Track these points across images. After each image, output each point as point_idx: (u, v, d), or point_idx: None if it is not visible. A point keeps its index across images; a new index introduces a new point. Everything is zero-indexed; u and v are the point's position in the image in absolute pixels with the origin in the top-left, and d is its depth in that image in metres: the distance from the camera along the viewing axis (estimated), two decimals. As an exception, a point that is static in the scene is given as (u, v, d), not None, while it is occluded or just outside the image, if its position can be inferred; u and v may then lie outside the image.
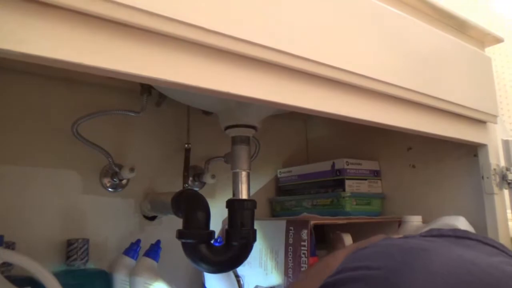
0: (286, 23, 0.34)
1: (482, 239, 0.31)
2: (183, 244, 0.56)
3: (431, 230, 0.27)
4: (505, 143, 0.60)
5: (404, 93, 0.46)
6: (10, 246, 0.56)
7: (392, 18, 0.45)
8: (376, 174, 0.79)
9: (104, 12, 0.26)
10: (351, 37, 0.40)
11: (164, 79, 0.30)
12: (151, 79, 0.30)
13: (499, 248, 0.32)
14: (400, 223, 0.70)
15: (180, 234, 0.56)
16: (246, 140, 0.59)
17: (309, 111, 0.39)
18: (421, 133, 0.51)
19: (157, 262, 0.65)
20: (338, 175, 0.76)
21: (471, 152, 0.64)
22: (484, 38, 0.63)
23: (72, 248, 0.62)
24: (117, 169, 0.67)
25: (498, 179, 0.59)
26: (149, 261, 0.64)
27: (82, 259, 0.62)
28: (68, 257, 0.62)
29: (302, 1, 0.36)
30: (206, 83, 0.32)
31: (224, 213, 0.60)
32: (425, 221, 0.67)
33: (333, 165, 0.77)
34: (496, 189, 0.59)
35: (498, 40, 0.63)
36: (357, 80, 0.41)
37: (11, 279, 0.51)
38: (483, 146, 0.60)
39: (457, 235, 0.26)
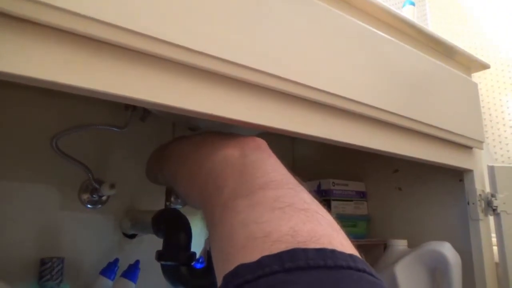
0: (271, 45, 0.34)
1: (363, 267, 0.23)
2: (162, 267, 0.54)
3: (297, 258, 0.21)
4: (491, 169, 0.60)
5: (390, 117, 0.45)
6: (-21, 265, 0.53)
7: (380, 42, 0.45)
8: (362, 195, 0.78)
9: (81, 29, 0.25)
10: (337, 60, 0.40)
11: (143, 100, 0.29)
12: (131, 99, 0.28)
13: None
14: (385, 246, 0.69)
15: (160, 256, 0.54)
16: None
17: (294, 134, 0.39)
18: (407, 157, 0.50)
19: (135, 283, 0.62)
20: (323, 195, 0.75)
21: (457, 176, 0.64)
22: (470, 64, 0.64)
23: (46, 268, 0.59)
24: (97, 186, 0.65)
25: (483, 205, 0.59)
26: (126, 282, 0.61)
27: (56, 279, 0.59)
28: (41, 277, 0.59)
29: (289, 24, 0.35)
30: (189, 105, 0.31)
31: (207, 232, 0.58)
32: (410, 245, 0.66)
33: (319, 185, 0.76)
34: (481, 215, 0.58)
35: (484, 67, 0.63)
36: (343, 103, 0.40)
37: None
38: (468, 171, 0.60)
39: (328, 265, 0.21)
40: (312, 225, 0.24)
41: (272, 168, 0.31)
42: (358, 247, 0.77)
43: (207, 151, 0.35)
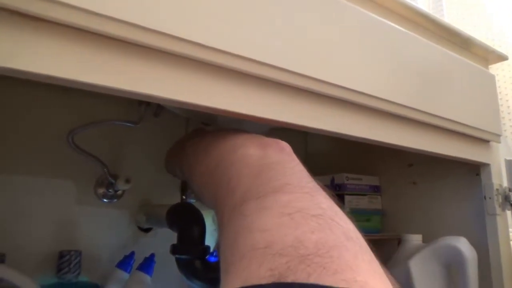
0: (283, 40, 0.34)
1: None
2: (177, 260, 0.55)
3: None
4: (509, 163, 0.59)
5: (405, 111, 0.45)
6: (0, 258, 0.55)
7: (394, 35, 0.45)
8: (376, 189, 0.78)
9: (98, 27, 0.25)
10: (351, 54, 0.39)
11: (160, 96, 0.29)
12: (147, 96, 0.29)
13: None
14: (399, 241, 0.69)
15: (174, 250, 0.54)
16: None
17: (307, 129, 0.38)
18: (422, 151, 0.50)
19: (150, 276, 0.63)
20: (337, 190, 0.75)
21: (473, 170, 0.63)
22: (488, 56, 0.62)
23: (64, 261, 0.60)
24: (112, 180, 0.66)
25: (500, 200, 0.58)
26: (142, 275, 0.62)
27: (74, 272, 0.61)
28: (59, 270, 0.60)
29: (301, 19, 0.35)
30: (203, 101, 0.31)
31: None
32: (425, 240, 0.65)
33: (332, 180, 0.76)
34: (498, 210, 0.57)
35: (502, 58, 0.62)
36: (357, 97, 0.40)
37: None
38: (485, 165, 0.59)
39: None
40: (322, 234, 0.22)
41: (291, 171, 0.29)
42: (372, 241, 0.76)
43: (226, 149, 0.33)
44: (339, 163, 0.82)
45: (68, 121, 0.64)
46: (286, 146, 0.33)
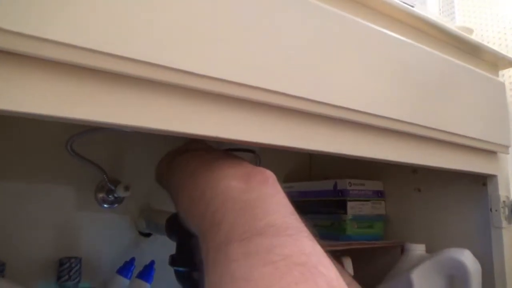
0: (277, 61, 0.32)
1: None
2: (175, 271, 0.54)
3: None
4: (516, 174, 0.58)
5: (408, 127, 0.43)
6: (0, 267, 0.55)
7: (396, 46, 0.43)
8: (380, 195, 0.76)
9: (81, 61, 0.24)
10: (349, 70, 0.37)
11: (148, 127, 0.28)
12: (133, 127, 0.28)
13: None
14: (402, 248, 0.68)
15: (173, 261, 0.54)
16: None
17: (308, 151, 0.37)
18: (425, 166, 0.48)
19: (150, 284, 0.63)
20: (340, 196, 0.73)
21: (480, 180, 0.61)
22: (497, 62, 0.60)
23: (64, 268, 0.61)
24: (112, 187, 0.66)
25: (507, 212, 0.57)
26: (141, 283, 0.62)
27: (74, 279, 0.61)
28: (59, 277, 0.60)
29: (292, 38, 0.33)
30: (193, 129, 0.30)
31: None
32: (428, 249, 0.64)
33: (335, 185, 0.75)
34: (504, 223, 0.56)
35: (513, 64, 0.60)
36: (356, 117, 0.38)
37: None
38: (492, 177, 0.57)
39: None
40: (305, 286, 0.22)
41: (274, 209, 0.29)
42: (374, 248, 0.75)
43: (212, 178, 0.33)
44: (342, 167, 0.81)
45: (66, 128, 0.63)
46: (270, 176, 0.32)
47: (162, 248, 0.71)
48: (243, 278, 0.23)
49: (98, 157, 0.65)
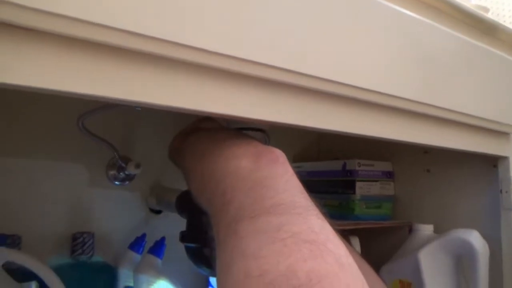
0: (287, 38, 0.32)
1: None
2: (186, 247, 0.55)
3: None
4: (529, 156, 0.57)
5: (422, 108, 0.43)
6: (16, 240, 0.57)
7: (409, 25, 0.42)
8: (389, 175, 0.76)
9: (88, 36, 0.24)
10: (359, 48, 0.37)
11: (159, 104, 0.28)
12: (147, 104, 0.28)
13: None
14: (410, 228, 0.68)
15: (183, 237, 0.55)
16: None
17: (317, 130, 0.37)
18: (435, 147, 0.48)
19: (161, 259, 0.65)
20: (348, 176, 0.74)
21: (491, 161, 0.61)
22: (514, 41, 0.58)
23: (78, 243, 0.62)
24: (123, 164, 0.66)
25: (517, 194, 0.56)
26: (152, 258, 0.63)
27: (87, 253, 0.62)
28: (73, 251, 0.62)
29: (306, 13, 0.33)
30: (207, 106, 0.30)
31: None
32: (436, 231, 0.65)
33: (344, 165, 0.75)
34: (514, 205, 0.56)
35: (529, 43, 0.58)
36: (366, 96, 0.38)
37: (17, 272, 0.52)
38: (503, 158, 0.57)
39: None
40: (314, 263, 0.22)
41: (283, 188, 0.29)
42: (382, 228, 0.75)
43: (222, 157, 0.33)
44: (352, 148, 0.81)
45: (78, 105, 0.64)
46: (280, 155, 0.32)
47: (173, 225, 0.72)
48: (253, 255, 0.23)
49: (109, 135, 0.66)
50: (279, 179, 0.30)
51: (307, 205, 0.28)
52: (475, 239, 0.56)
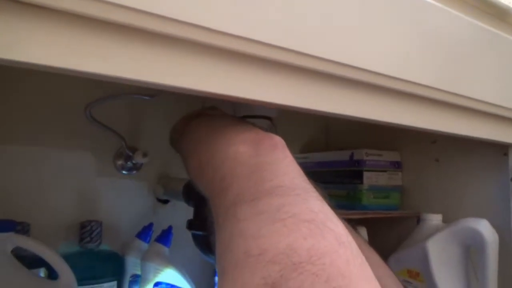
0: (297, 19, 0.31)
1: None
2: (193, 235, 0.55)
3: None
4: (540, 144, 0.56)
5: (431, 93, 0.42)
6: (25, 228, 0.57)
7: (421, 10, 0.41)
8: (397, 165, 0.76)
9: (99, 14, 0.24)
10: (370, 31, 0.36)
11: (167, 84, 0.28)
12: (153, 84, 0.28)
13: None
14: (418, 219, 0.68)
15: (190, 225, 0.55)
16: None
17: (325, 114, 0.37)
18: (445, 133, 0.47)
19: (168, 247, 0.65)
20: (356, 166, 0.73)
21: (501, 150, 0.60)
22: (526, 27, 0.57)
23: (86, 231, 0.62)
24: (130, 153, 0.67)
25: (528, 183, 0.56)
26: (160, 246, 0.64)
27: (95, 241, 0.63)
28: (81, 239, 0.62)
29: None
30: (213, 87, 0.30)
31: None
32: (445, 221, 0.64)
33: (351, 155, 0.74)
34: (525, 194, 0.55)
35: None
36: (376, 79, 0.37)
37: (26, 259, 0.52)
38: (514, 146, 0.56)
39: None
40: (314, 240, 0.22)
41: (283, 171, 0.29)
42: (390, 218, 0.75)
43: (220, 144, 0.33)
44: (359, 137, 0.80)
45: (86, 93, 0.64)
46: (279, 141, 0.32)
47: (179, 214, 0.72)
48: (252, 235, 0.23)
49: (116, 125, 0.66)
50: (278, 164, 0.29)
51: (306, 187, 0.27)
52: (485, 228, 0.55)
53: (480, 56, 0.47)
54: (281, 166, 0.29)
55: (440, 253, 0.58)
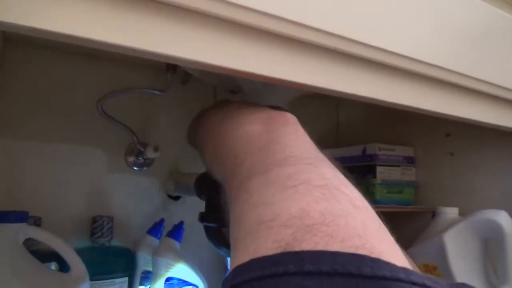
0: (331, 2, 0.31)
1: (422, 281, 0.17)
2: (205, 228, 0.55)
3: (322, 261, 0.17)
4: (559, 133, 0.55)
5: (448, 75, 0.41)
6: (37, 221, 0.57)
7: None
8: (410, 161, 0.74)
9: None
10: (388, 12, 0.36)
11: (183, 58, 0.28)
12: (169, 58, 0.27)
13: None
14: (433, 214, 0.66)
15: (202, 218, 0.54)
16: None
17: (340, 94, 0.36)
18: (462, 119, 0.46)
19: (179, 242, 0.64)
20: (369, 160, 0.72)
21: (518, 141, 0.59)
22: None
23: (97, 226, 0.62)
24: (141, 148, 0.66)
25: (546, 173, 0.54)
26: (171, 241, 0.63)
27: (106, 237, 0.62)
28: (92, 234, 0.62)
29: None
30: (228, 62, 0.29)
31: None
32: (461, 214, 0.63)
33: (364, 150, 0.73)
34: (543, 184, 0.54)
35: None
36: (394, 60, 0.37)
37: (37, 253, 0.52)
38: (532, 136, 0.55)
39: (364, 273, 0.16)
40: (327, 204, 0.21)
41: (294, 143, 0.28)
42: (404, 214, 0.74)
43: (232, 126, 0.33)
44: (371, 132, 0.79)
45: (97, 89, 0.64)
46: (291, 117, 0.32)
47: (190, 210, 0.72)
48: (264, 203, 0.23)
49: (127, 119, 0.66)
50: (289, 137, 0.29)
51: (318, 156, 0.27)
52: (504, 219, 0.54)
53: (497, 40, 0.47)
54: (292, 139, 0.29)
55: (457, 246, 0.57)
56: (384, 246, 0.19)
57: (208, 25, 0.28)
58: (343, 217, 0.20)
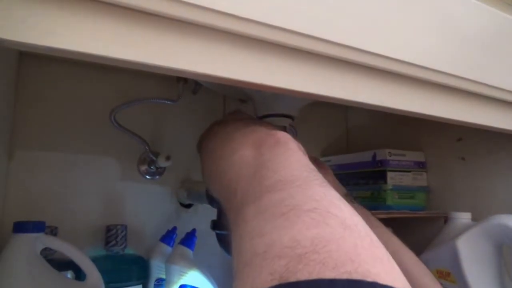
0: (320, 7, 0.32)
1: None
2: (217, 235, 0.55)
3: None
4: None
5: (456, 81, 0.41)
6: (53, 231, 0.58)
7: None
8: (421, 166, 0.74)
9: (133, 2, 0.25)
10: (395, 19, 0.36)
11: (195, 72, 0.28)
12: (182, 72, 0.28)
13: None
14: (446, 219, 0.66)
15: (214, 225, 0.55)
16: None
17: (349, 103, 0.37)
18: (473, 125, 0.46)
19: (192, 250, 0.65)
20: (379, 166, 0.72)
21: (530, 145, 0.58)
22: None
23: (111, 234, 0.63)
24: (153, 157, 0.68)
25: (560, 177, 0.54)
26: (184, 249, 0.64)
27: (120, 245, 0.63)
28: (107, 243, 0.63)
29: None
30: (238, 74, 0.30)
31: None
32: (474, 219, 0.62)
33: (374, 156, 0.73)
34: (558, 188, 0.53)
35: None
36: (403, 68, 0.37)
37: (53, 262, 0.53)
38: (544, 139, 0.54)
39: None
40: (317, 229, 0.21)
41: (283, 166, 0.28)
42: (416, 219, 0.73)
43: (227, 150, 0.34)
44: (381, 138, 0.79)
45: (110, 100, 0.66)
46: (282, 136, 0.32)
47: (202, 218, 0.73)
48: (258, 234, 0.23)
49: (139, 129, 0.67)
50: (278, 159, 0.29)
51: (307, 176, 0.27)
52: (517, 224, 0.53)
53: (505, 45, 0.47)
54: (280, 161, 0.29)
55: (471, 251, 0.56)
56: (378, 267, 0.20)
57: (217, 39, 0.29)
58: (334, 242, 0.20)
